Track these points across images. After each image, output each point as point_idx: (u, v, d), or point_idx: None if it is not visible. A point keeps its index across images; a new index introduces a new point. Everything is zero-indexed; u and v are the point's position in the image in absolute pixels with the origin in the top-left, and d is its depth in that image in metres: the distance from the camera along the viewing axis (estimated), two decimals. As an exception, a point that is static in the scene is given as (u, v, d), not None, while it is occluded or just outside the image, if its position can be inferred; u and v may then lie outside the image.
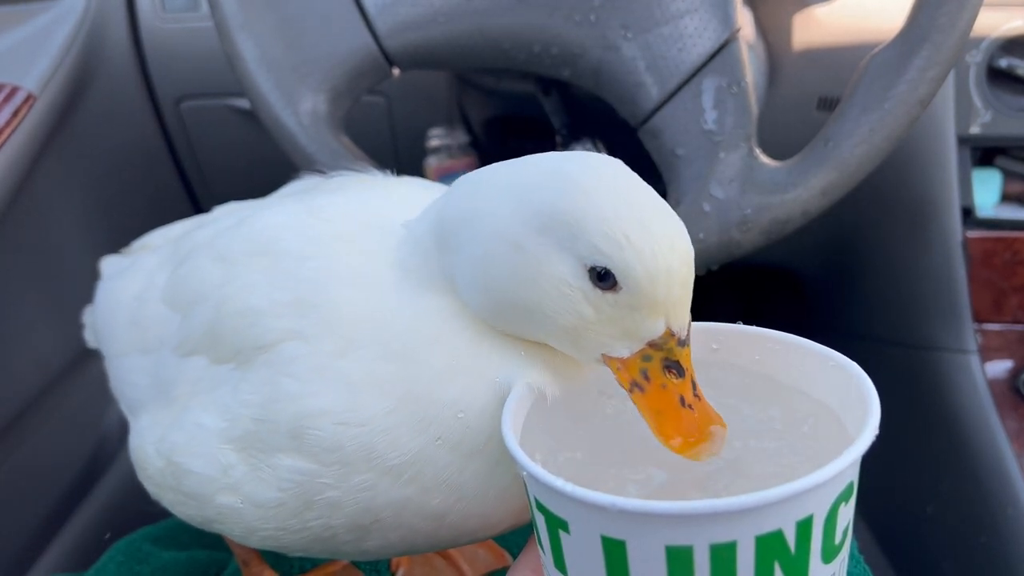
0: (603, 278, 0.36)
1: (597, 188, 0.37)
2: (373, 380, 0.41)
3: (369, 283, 0.43)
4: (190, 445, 0.46)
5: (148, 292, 0.55)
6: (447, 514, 0.42)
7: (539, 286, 0.37)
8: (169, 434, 0.48)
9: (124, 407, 0.57)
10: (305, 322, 0.42)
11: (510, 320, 0.40)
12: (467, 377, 0.40)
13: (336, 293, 0.43)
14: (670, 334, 0.37)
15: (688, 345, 0.38)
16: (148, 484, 0.52)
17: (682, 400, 0.37)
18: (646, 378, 0.37)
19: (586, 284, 0.37)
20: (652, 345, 0.37)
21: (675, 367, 0.37)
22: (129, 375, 0.54)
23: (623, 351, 0.38)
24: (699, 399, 0.37)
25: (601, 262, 0.36)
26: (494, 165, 0.41)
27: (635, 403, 0.38)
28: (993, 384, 0.94)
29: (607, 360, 0.39)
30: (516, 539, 0.66)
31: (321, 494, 0.42)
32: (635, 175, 0.38)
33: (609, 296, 0.36)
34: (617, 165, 0.38)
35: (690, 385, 0.37)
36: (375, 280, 0.43)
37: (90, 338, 0.70)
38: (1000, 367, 0.95)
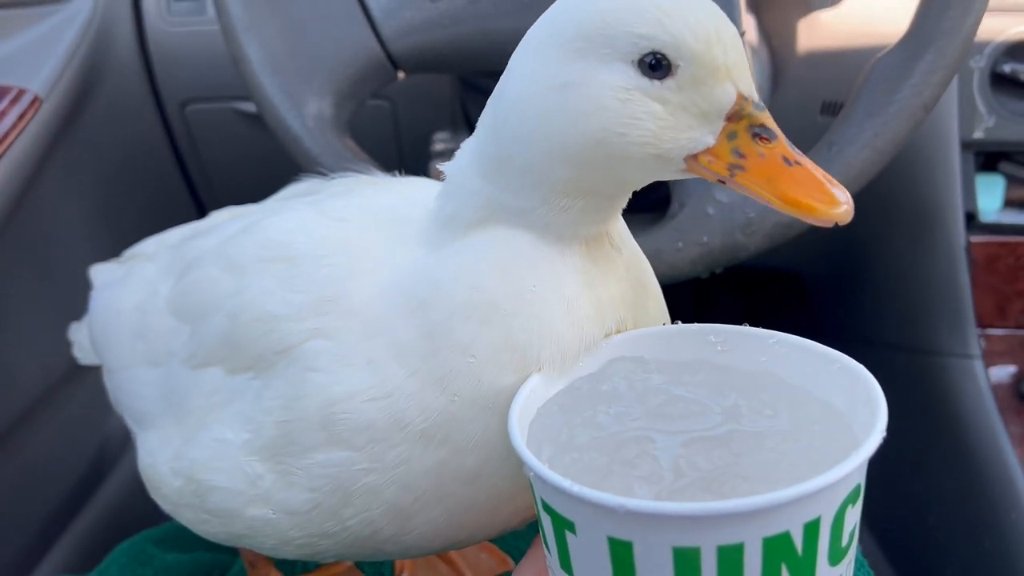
0: (656, 67, 0.35)
1: None
2: (396, 348, 0.40)
3: (388, 266, 0.43)
4: (213, 461, 0.46)
5: (151, 302, 0.54)
6: (481, 475, 0.41)
7: (598, 108, 0.36)
8: (187, 452, 0.47)
9: (129, 420, 0.56)
10: (326, 319, 0.42)
11: (585, 173, 0.38)
12: (477, 321, 0.39)
13: (354, 283, 0.43)
14: (743, 98, 0.36)
15: (766, 110, 0.37)
16: (163, 503, 0.51)
17: (786, 160, 0.36)
18: (741, 156, 0.36)
19: (642, 81, 0.36)
20: (731, 118, 0.36)
21: (763, 131, 0.36)
22: (135, 387, 0.54)
23: (708, 138, 0.36)
24: (803, 156, 0.36)
25: (648, 46, 0.35)
26: None
27: (743, 186, 0.36)
28: (997, 389, 0.94)
29: (695, 164, 0.37)
30: (519, 544, 0.66)
31: (359, 482, 0.41)
32: None
33: (670, 82, 0.36)
34: None
35: (787, 145, 0.36)
36: (395, 262, 0.43)
37: (80, 355, 0.69)
38: (1004, 372, 0.95)
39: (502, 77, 0.40)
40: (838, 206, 0.35)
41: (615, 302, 0.42)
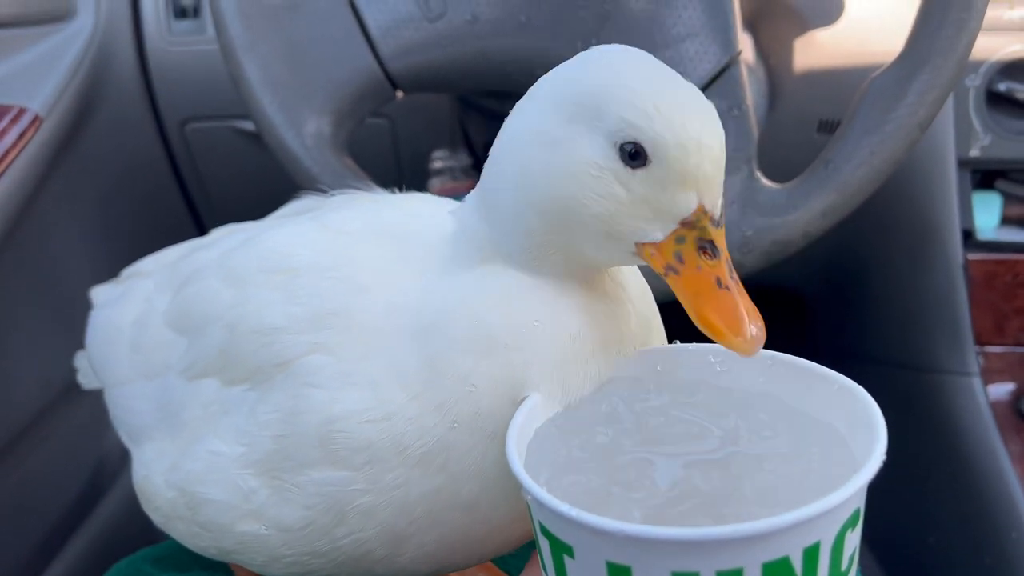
0: (634, 156, 0.36)
1: (625, 65, 0.37)
2: (398, 371, 0.41)
3: (392, 283, 0.43)
4: (207, 474, 0.45)
5: (148, 316, 0.54)
6: (477, 503, 0.41)
7: (572, 174, 0.37)
8: (182, 464, 0.47)
9: (125, 436, 0.56)
10: (327, 333, 0.42)
11: (549, 228, 0.39)
12: (476, 352, 0.40)
13: (358, 298, 0.43)
14: (703, 211, 0.37)
15: (723, 226, 0.38)
16: (155, 515, 0.51)
17: (719, 281, 0.36)
18: (680, 260, 0.37)
19: (617, 164, 0.36)
20: (685, 224, 0.37)
21: (709, 247, 0.37)
22: (131, 402, 0.54)
23: (657, 234, 0.37)
24: (736, 283, 0.37)
25: (631, 135, 0.36)
26: None
27: (671, 287, 0.37)
28: (995, 406, 0.93)
29: (641, 249, 0.38)
30: (517, 563, 0.65)
31: (354, 503, 0.41)
32: (660, 61, 0.39)
33: (640, 173, 0.36)
34: (644, 52, 0.39)
35: (725, 267, 0.37)
36: (399, 279, 0.43)
37: (84, 380, 0.69)
38: (1002, 389, 0.95)
39: (505, 121, 0.41)
40: (744, 341, 0.35)
41: (619, 338, 0.42)
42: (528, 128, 0.39)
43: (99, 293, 0.67)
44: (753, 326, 0.36)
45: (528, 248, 0.40)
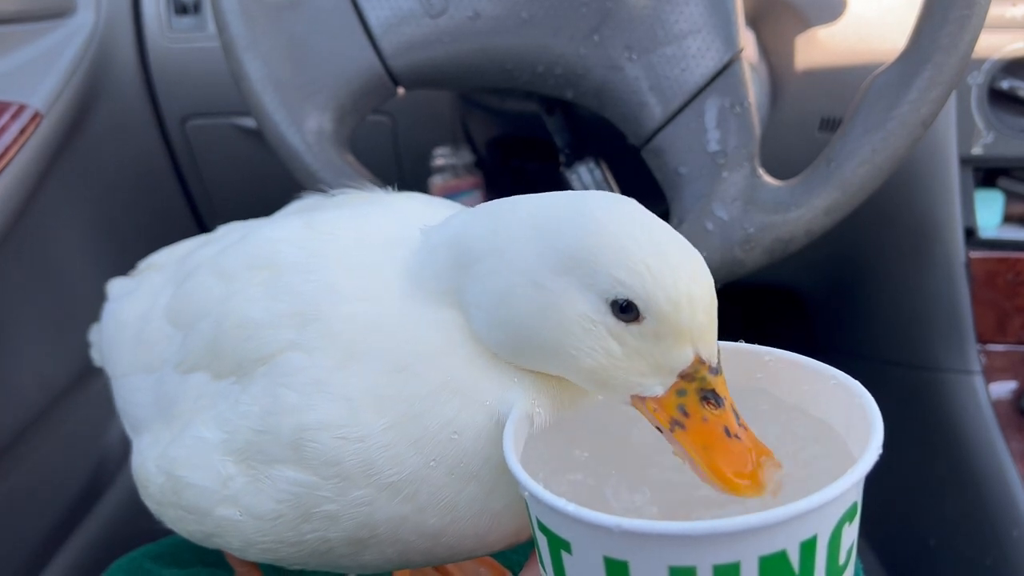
0: (626, 310, 0.36)
1: (615, 223, 0.37)
2: (373, 395, 0.41)
3: (372, 295, 0.43)
4: (190, 458, 0.46)
5: (152, 311, 0.55)
6: (443, 534, 0.42)
7: (562, 325, 0.37)
8: (170, 450, 0.48)
9: (127, 426, 0.57)
10: (306, 334, 0.43)
11: (528, 356, 0.40)
12: (461, 397, 0.40)
13: (337, 306, 0.43)
14: (700, 362, 0.36)
15: (721, 373, 0.37)
16: (150, 502, 0.52)
17: (727, 431, 0.36)
18: (685, 414, 0.37)
19: (609, 319, 0.36)
20: (684, 377, 0.37)
21: (712, 396, 0.36)
22: (132, 394, 0.55)
23: (657, 388, 0.37)
24: (744, 428, 0.36)
25: (623, 294, 0.36)
26: (515, 200, 0.41)
27: (679, 443, 0.37)
28: (997, 405, 0.93)
29: (640, 403, 0.38)
30: (517, 557, 0.66)
31: (319, 507, 0.42)
32: (650, 212, 0.38)
33: (633, 328, 0.36)
34: (633, 203, 0.39)
35: (732, 414, 0.36)
36: (378, 292, 0.43)
37: (96, 357, 0.70)
38: (1004, 388, 0.95)
39: (499, 213, 0.40)
40: (759, 491, 0.34)
41: None
42: (521, 260, 0.38)
43: (114, 286, 0.68)
44: (768, 472, 0.35)
45: (496, 344, 0.40)
